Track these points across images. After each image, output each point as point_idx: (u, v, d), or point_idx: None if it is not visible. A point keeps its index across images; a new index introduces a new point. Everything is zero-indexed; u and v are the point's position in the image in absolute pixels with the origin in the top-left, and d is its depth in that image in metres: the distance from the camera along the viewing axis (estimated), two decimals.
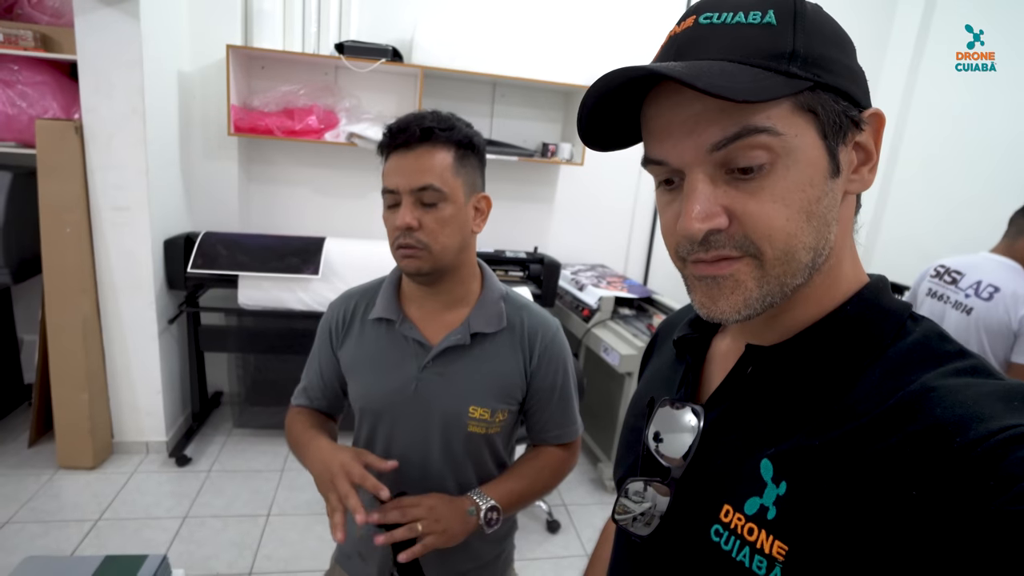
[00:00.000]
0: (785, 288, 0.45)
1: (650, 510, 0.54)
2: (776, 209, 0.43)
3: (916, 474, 0.37)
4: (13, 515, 2.21)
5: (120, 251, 2.49)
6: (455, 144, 0.94)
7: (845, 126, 0.44)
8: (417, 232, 0.93)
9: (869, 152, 0.46)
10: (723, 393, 0.53)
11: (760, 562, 0.43)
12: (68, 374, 2.49)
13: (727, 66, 0.42)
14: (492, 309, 1.02)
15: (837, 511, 0.40)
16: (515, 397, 1.03)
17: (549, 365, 1.04)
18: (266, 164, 3.06)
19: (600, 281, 3.15)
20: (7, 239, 2.38)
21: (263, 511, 2.39)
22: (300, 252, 2.65)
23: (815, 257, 0.45)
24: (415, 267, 0.95)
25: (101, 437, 2.60)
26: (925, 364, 0.43)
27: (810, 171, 0.43)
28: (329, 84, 2.97)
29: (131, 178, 2.43)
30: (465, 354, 1.00)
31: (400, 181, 0.93)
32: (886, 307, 0.48)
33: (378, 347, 1.03)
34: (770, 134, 0.42)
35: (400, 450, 1.02)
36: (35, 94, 2.43)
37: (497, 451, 1.07)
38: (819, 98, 0.43)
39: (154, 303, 2.57)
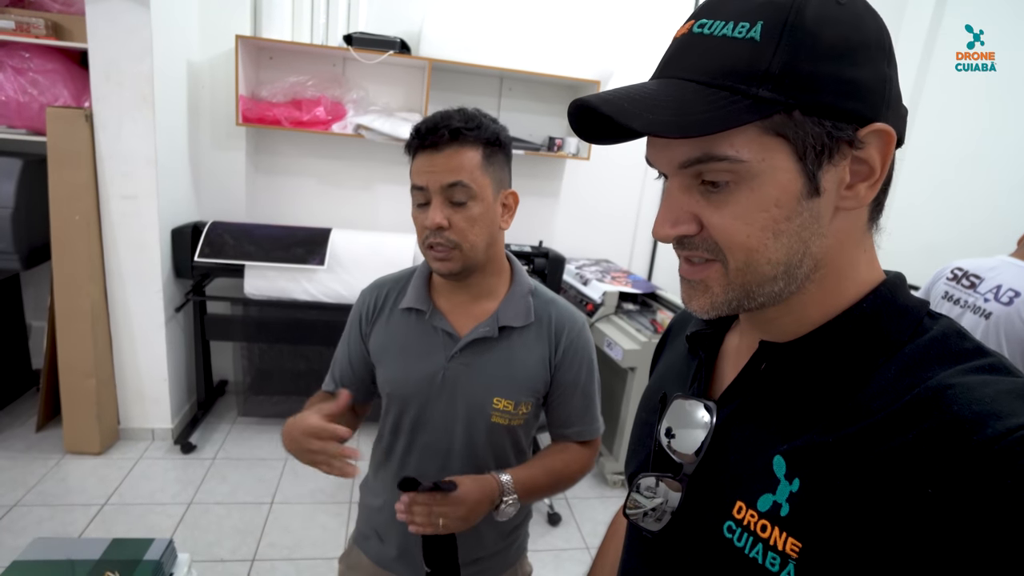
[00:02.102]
0: (753, 295, 0.46)
1: (662, 506, 0.54)
2: (736, 226, 0.44)
3: (932, 471, 0.37)
4: (21, 498, 2.24)
5: (128, 239, 2.51)
6: (483, 142, 0.95)
7: (831, 146, 0.43)
8: (447, 231, 0.94)
9: (871, 168, 0.44)
10: (736, 389, 0.53)
11: (773, 559, 0.43)
12: (76, 360, 2.51)
13: (687, 90, 0.43)
14: (520, 303, 1.03)
15: (851, 508, 0.40)
16: (538, 390, 1.04)
17: (573, 359, 1.05)
18: (273, 155, 3.08)
19: (604, 276, 3.15)
20: (17, 226, 2.40)
21: (267, 499, 2.41)
22: (306, 243, 2.67)
23: (789, 270, 0.45)
24: (447, 269, 0.97)
25: (108, 423, 2.63)
26: (942, 361, 0.43)
27: (776, 193, 0.43)
28: (337, 75, 2.97)
29: (140, 167, 2.45)
30: (492, 346, 1.02)
31: (430, 179, 0.94)
32: (903, 304, 0.48)
33: (407, 336, 1.05)
34: (731, 162, 0.43)
35: (424, 438, 1.05)
36: (46, 82, 2.45)
37: (519, 442, 1.08)
38: (793, 121, 0.42)
39: (161, 291, 2.59)
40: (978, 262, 2.01)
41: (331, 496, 2.47)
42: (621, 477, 2.77)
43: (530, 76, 2.99)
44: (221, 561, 2.05)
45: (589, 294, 2.98)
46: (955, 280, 2.03)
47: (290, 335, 2.89)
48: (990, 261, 1.99)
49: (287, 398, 3.03)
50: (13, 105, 2.42)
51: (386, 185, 3.20)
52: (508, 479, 0.99)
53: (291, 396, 3.04)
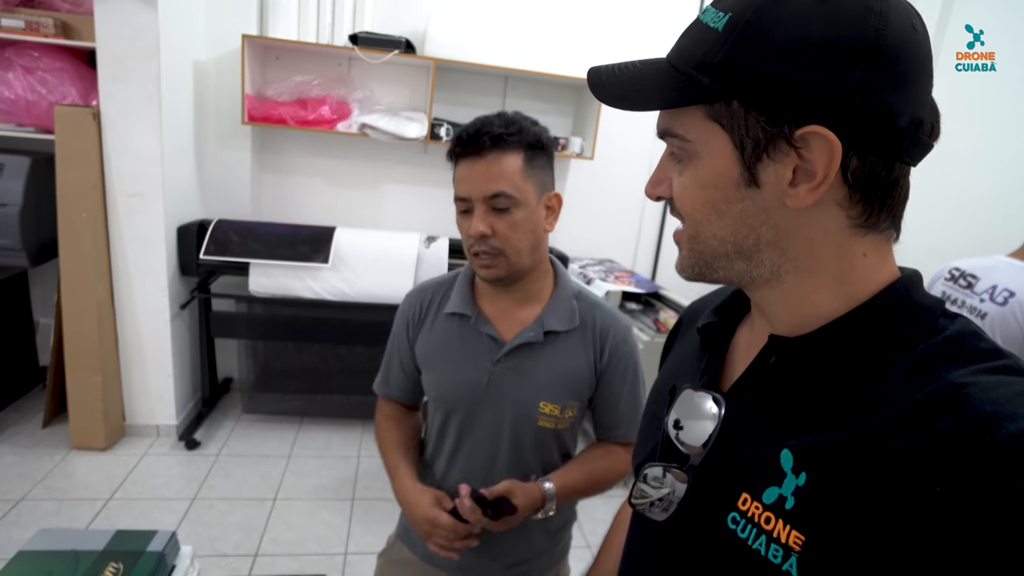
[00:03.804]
0: (711, 266, 0.50)
1: (668, 496, 0.55)
2: (685, 196, 0.49)
3: (942, 471, 0.37)
4: (27, 493, 2.26)
5: (135, 237, 2.53)
6: (525, 147, 0.94)
7: (766, 140, 0.44)
8: (491, 239, 0.94)
9: (814, 171, 0.43)
10: (745, 383, 0.53)
11: (776, 551, 0.44)
12: (82, 357, 2.54)
13: (659, 71, 0.48)
14: (565, 307, 1.03)
15: (857, 504, 0.40)
16: (584, 394, 1.04)
17: (619, 364, 1.04)
18: (279, 153, 3.10)
19: (608, 275, 3.15)
20: (25, 223, 2.43)
21: (270, 495, 2.43)
22: (311, 241, 2.68)
23: (741, 251, 0.48)
24: (493, 275, 0.97)
25: (113, 419, 2.65)
26: (956, 361, 0.42)
27: (714, 176, 0.46)
28: (342, 75, 2.99)
29: (146, 165, 2.47)
30: (538, 351, 1.01)
31: (472, 189, 0.93)
32: (918, 303, 0.47)
33: (452, 340, 1.05)
34: (680, 140, 0.48)
35: (471, 441, 1.05)
36: (54, 80, 2.47)
37: (565, 444, 1.08)
38: (731, 111, 0.44)
39: (167, 289, 2.61)
40: (976, 262, 2.00)
41: (334, 493, 2.48)
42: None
43: (534, 76, 3.00)
44: (224, 556, 2.06)
45: None
46: (953, 280, 2.02)
47: (294, 333, 2.91)
48: (988, 261, 1.98)
49: (291, 396, 3.05)
50: (22, 103, 2.45)
51: (390, 184, 3.21)
52: (551, 488, 1.00)
53: (295, 394, 3.05)
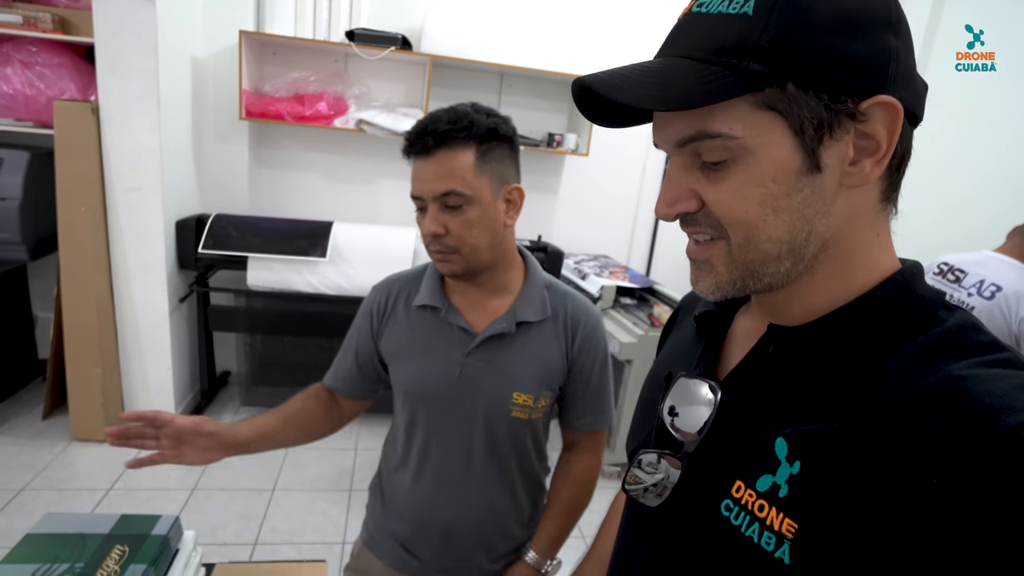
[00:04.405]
0: (758, 274, 0.46)
1: (662, 482, 0.55)
2: (735, 202, 0.44)
3: (939, 462, 0.37)
4: (29, 483, 2.29)
5: (133, 231, 2.55)
6: (476, 140, 0.91)
7: (829, 120, 0.42)
8: (445, 237, 0.93)
9: (877, 143, 0.43)
10: (742, 371, 0.53)
11: (769, 538, 0.44)
12: (82, 350, 2.56)
13: (682, 66, 0.43)
14: (536, 297, 1.03)
15: (851, 493, 0.40)
16: (556, 383, 1.04)
17: (589, 352, 1.05)
18: (276, 149, 3.12)
19: (603, 271, 3.19)
20: (24, 217, 2.45)
21: (268, 486, 2.46)
22: (308, 235, 2.71)
23: (793, 248, 0.45)
24: (449, 270, 0.97)
25: (113, 411, 2.67)
26: (956, 353, 0.42)
27: (773, 169, 0.43)
28: (339, 71, 3.01)
29: (145, 160, 2.49)
30: (510, 341, 1.00)
31: (423, 188, 0.92)
32: (918, 294, 0.47)
33: (423, 333, 1.04)
34: (724, 139, 0.43)
35: (443, 437, 1.03)
36: (53, 75, 2.49)
37: (537, 435, 1.08)
38: (787, 95, 0.42)
39: (166, 282, 2.63)
40: (964, 257, 2.04)
41: (332, 484, 2.52)
42: (618, 469, 2.82)
43: (530, 72, 3.03)
44: (224, 544, 2.10)
45: (587, 288, 3.02)
46: (941, 275, 2.06)
47: (292, 327, 2.94)
48: (975, 256, 2.02)
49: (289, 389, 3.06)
50: (21, 98, 2.46)
51: (387, 179, 3.24)
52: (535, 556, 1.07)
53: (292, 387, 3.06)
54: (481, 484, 1.03)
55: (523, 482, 1.07)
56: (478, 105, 0.95)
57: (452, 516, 1.03)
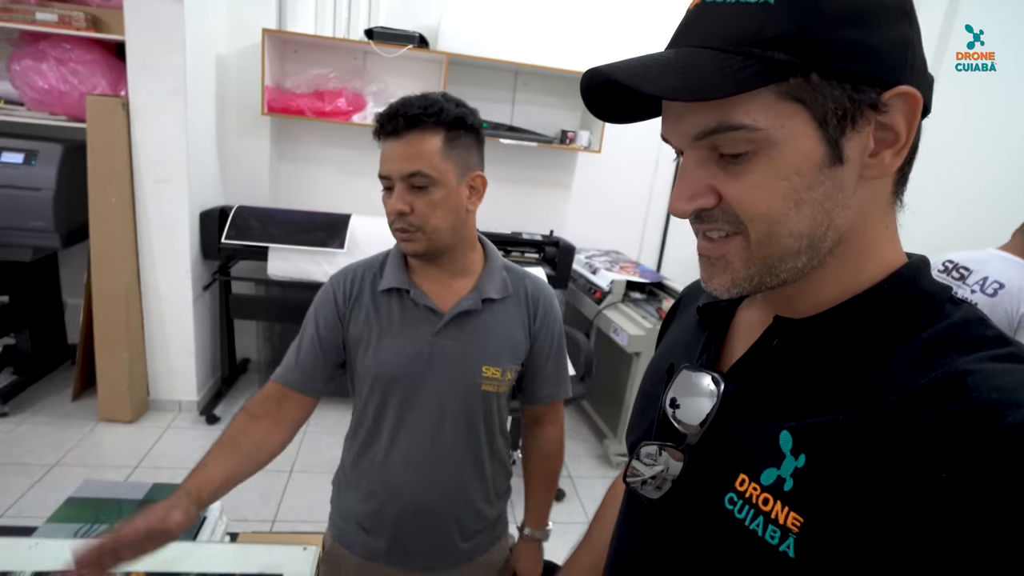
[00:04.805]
0: (775, 270, 0.46)
1: (662, 474, 0.54)
2: (757, 195, 0.43)
3: (946, 456, 0.37)
4: (60, 459, 2.41)
5: (160, 221, 2.66)
6: (444, 127, 0.95)
7: (852, 111, 0.42)
8: (409, 216, 0.96)
9: (896, 134, 0.43)
10: (746, 363, 0.52)
11: (773, 532, 0.44)
12: (110, 335, 2.68)
13: (702, 56, 0.42)
14: (497, 277, 1.08)
15: (857, 487, 0.40)
16: (520, 356, 1.09)
17: (549, 327, 1.12)
18: (296, 144, 3.21)
19: (613, 266, 3.25)
20: (57, 207, 2.55)
21: (286, 468, 2.56)
22: (327, 227, 2.80)
23: (812, 243, 0.44)
24: (411, 249, 1.01)
25: (138, 394, 2.79)
26: (962, 348, 0.42)
27: (797, 161, 0.42)
28: (358, 68, 3.10)
29: (172, 153, 2.60)
30: (476, 318, 1.05)
31: (391, 168, 0.96)
32: (925, 288, 0.47)
33: (390, 317, 1.05)
34: (747, 130, 0.42)
35: (414, 417, 1.05)
36: (85, 71, 2.59)
37: (502, 411, 1.13)
38: (811, 85, 0.41)
39: (190, 271, 2.74)
40: (968, 255, 2.08)
41: None
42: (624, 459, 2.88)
43: (544, 71, 3.09)
44: (245, 520, 2.19)
45: (597, 282, 3.08)
46: (946, 272, 2.09)
47: None
48: (980, 254, 2.05)
49: None
50: (55, 93, 2.57)
51: None
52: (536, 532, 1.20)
53: None
54: (451, 461, 1.07)
55: (490, 459, 1.11)
56: (448, 95, 0.98)
57: (424, 493, 1.06)
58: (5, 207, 2.50)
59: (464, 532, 1.11)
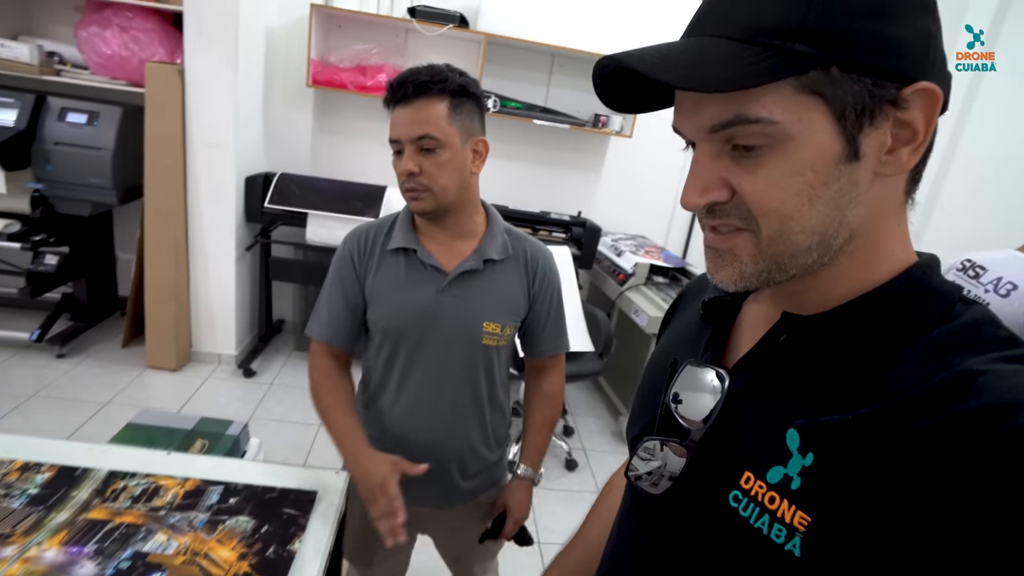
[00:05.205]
0: (784, 267, 0.45)
1: (658, 469, 0.54)
2: (770, 191, 0.43)
3: (957, 456, 0.36)
4: (111, 399, 2.62)
5: (208, 184, 2.83)
6: (449, 94, 1.02)
7: (871, 106, 0.41)
8: (419, 176, 1.04)
9: (914, 130, 0.42)
10: (752, 359, 0.52)
11: (779, 531, 0.43)
12: (159, 289, 2.86)
13: (719, 46, 0.42)
14: (499, 239, 1.16)
15: (866, 487, 0.40)
16: (519, 314, 1.18)
17: (547, 287, 1.19)
18: (337, 115, 3.34)
19: (638, 249, 3.32)
20: (116, 166, 2.73)
21: (315, 421, 2.72)
22: (364, 197, 2.93)
23: (824, 240, 0.44)
24: (421, 208, 1.08)
25: (182, 345, 2.98)
26: (973, 348, 0.42)
27: (812, 156, 0.41)
28: (399, 45, 3.20)
29: (221, 120, 2.75)
30: (478, 277, 1.13)
31: (401, 132, 1.03)
32: (935, 288, 0.46)
33: (398, 274, 1.13)
34: (764, 124, 0.41)
35: (420, 368, 1.15)
36: (145, 39, 2.74)
37: (503, 363, 1.22)
38: (830, 78, 0.40)
39: (234, 232, 2.91)
40: (988, 255, 2.09)
41: None
42: None
43: (580, 55, 3.15)
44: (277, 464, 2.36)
45: (622, 264, 3.16)
46: (963, 271, 2.11)
47: None
48: (1000, 254, 2.06)
49: None
50: (117, 59, 2.73)
51: None
52: (529, 471, 1.24)
53: None
54: (453, 408, 1.16)
55: (490, 407, 1.20)
56: (452, 66, 1.07)
57: (427, 437, 1.16)
58: (69, 164, 2.69)
59: (465, 473, 1.21)
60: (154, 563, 0.82)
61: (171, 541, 0.87)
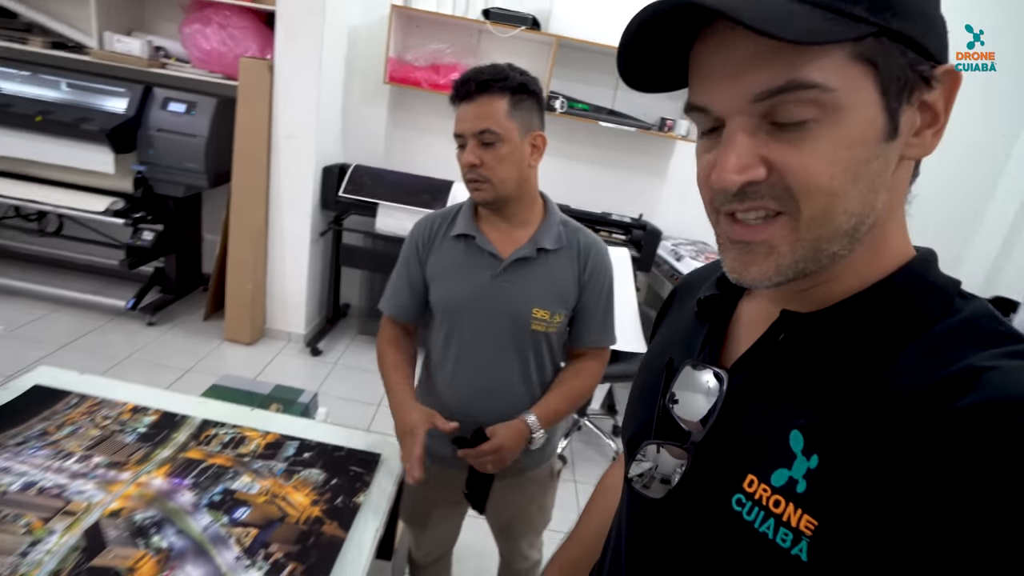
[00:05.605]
0: (820, 255, 0.43)
1: (649, 471, 0.53)
2: (819, 166, 0.40)
3: (965, 453, 0.35)
4: (192, 366, 2.85)
5: (288, 172, 3.02)
6: (510, 91, 1.09)
7: (911, 82, 0.40)
8: (480, 168, 1.11)
9: (937, 114, 0.41)
10: (751, 358, 0.50)
11: (785, 535, 0.42)
12: (240, 268, 3.08)
13: (786, 4, 0.38)
14: (554, 230, 1.21)
15: (874, 487, 0.39)
16: (569, 303, 1.22)
17: (598, 278, 1.23)
18: (410, 112, 3.49)
19: (698, 255, 3.31)
20: (208, 152, 2.96)
21: (375, 401, 2.88)
22: (431, 190, 3.06)
23: (858, 224, 0.42)
24: (482, 198, 1.16)
25: (257, 322, 3.20)
26: (975, 343, 0.40)
27: (862, 130, 0.39)
28: (473, 46, 3.31)
29: (304, 113, 2.93)
30: (531, 265, 1.19)
31: (464, 126, 1.11)
32: (934, 282, 0.45)
33: (458, 259, 1.22)
34: (820, 90, 0.38)
35: (474, 346, 1.22)
36: (240, 36, 2.96)
37: (552, 348, 1.26)
38: (882, 47, 0.38)
39: (309, 219, 3.09)
40: None
41: None
42: None
43: None
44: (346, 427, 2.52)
45: (680, 269, 3.17)
46: None
47: None
48: None
49: None
50: (215, 54, 2.96)
51: None
52: (534, 419, 1.19)
53: None
54: (505, 385, 1.22)
55: (540, 387, 1.25)
56: (513, 65, 1.14)
57: (483, 410, 1.21)
58: (168, 149, 2.93)
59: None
60: (240, 499, 0.94)
61: (254, 483, 0.99)
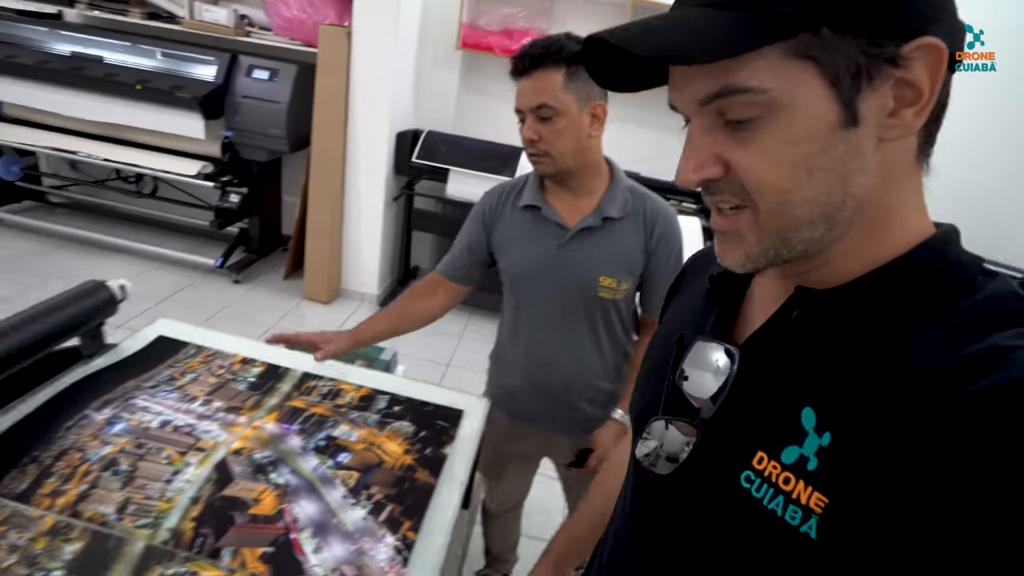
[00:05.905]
0: (790, 242, 0.43)
1: (655, 449, 0.53)
2: (765, 164, 0.41)
3: (986, 434, 0.34)
4: (275, 323, 3.04)
5: (365, 137, 3.11)
6: (565, 63, 1.08)
7: (868, 67, 0.38)
8: (539, 143, 1.13)
9: (918, 90, 0.39)
10: (763, 336, 0.49)
11: (795, 512, 0.41)
12: (318, 229, 3.23)
13: (704, 15, 0.40)
14: (619, 198, 1.21)
15: (887, 466, 0.38)
16: (636, 271, 1.23)
17: (666, 244, 1.23)
18: (482, 77, 3.51)
19: None
20: (289, 118, 3.08)
21: (445, 360, 2.99)
22: (502, 157, 3.10)
23: (828, 212, 0.42)
24: (542, 171, 1.19)
25: (333, 282, 3.36)
26: (997, 323, 0.39)
27: (809, 125, 0.39)
28: (546, 10, 3.28)
29: (379, 79, 3.00)
30: (596, 233, 1.20)
31: (522, 102, 1.12)
32: (955, 259, 0.44)
33: (525, 229, 1.25)
34: (753, 93, 0.39)
35: (543, 312, 1.26)
36: (320, 3, 3.04)
37: (621, 313, 1.27)
38: (821, 40, 0.38)
39: (384, 183, 3.19)
40: None
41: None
42: None
43: None
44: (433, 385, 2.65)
45: None
46: None
47: None
48: None
49: None
50: (296, 22, 3.05)
51: None
52: (622, 413, 1.27)
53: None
54: (573, 346, 1.26)
55: (610, 347, 1.28)
56: (571, 34, 1.11)
57: (555, 371, 1.28)
58: (252, 115, 3.07)
59: (584, 395, 1.31)
60: (342, 445, 1.03)
61: (352, 432, 1.08)
